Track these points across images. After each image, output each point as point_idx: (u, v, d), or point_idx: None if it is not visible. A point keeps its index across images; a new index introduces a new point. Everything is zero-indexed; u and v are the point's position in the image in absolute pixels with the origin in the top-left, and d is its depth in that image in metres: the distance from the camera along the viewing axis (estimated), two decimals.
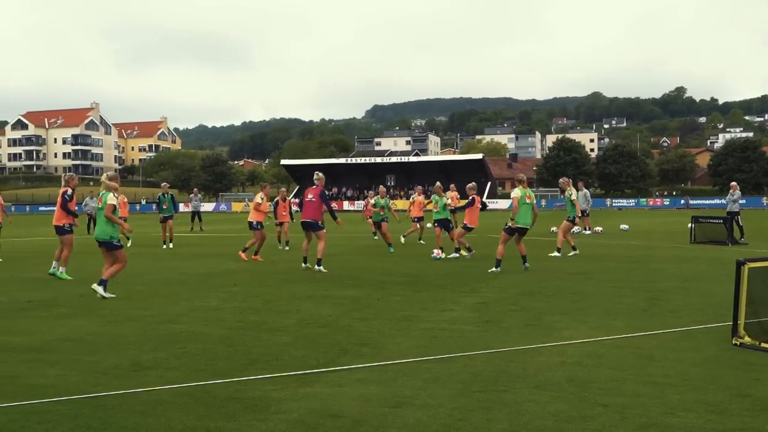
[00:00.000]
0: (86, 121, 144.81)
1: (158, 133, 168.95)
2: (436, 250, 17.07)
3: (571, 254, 17.17)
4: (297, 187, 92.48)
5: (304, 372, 6.20)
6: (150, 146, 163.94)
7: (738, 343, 7.02)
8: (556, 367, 6.27)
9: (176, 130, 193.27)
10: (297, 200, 39.59)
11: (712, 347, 7.03)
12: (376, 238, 24.46)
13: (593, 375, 6.00)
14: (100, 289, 10.88)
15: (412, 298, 10.63)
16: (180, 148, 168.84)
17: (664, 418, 4.84)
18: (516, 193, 13.94)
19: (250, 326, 8.52)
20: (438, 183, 19.50)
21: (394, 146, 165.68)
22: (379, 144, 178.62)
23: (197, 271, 14.93)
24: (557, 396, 5.40)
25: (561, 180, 19.21)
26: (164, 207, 22.88)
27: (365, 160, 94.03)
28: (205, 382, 5.90)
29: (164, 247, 21.86)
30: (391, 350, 7.07)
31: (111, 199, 11.19)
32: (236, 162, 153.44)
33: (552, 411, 5.03)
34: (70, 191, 13.73)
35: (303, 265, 14.75)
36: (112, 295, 10.86)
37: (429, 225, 32.43)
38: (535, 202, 14.22)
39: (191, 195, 36.66)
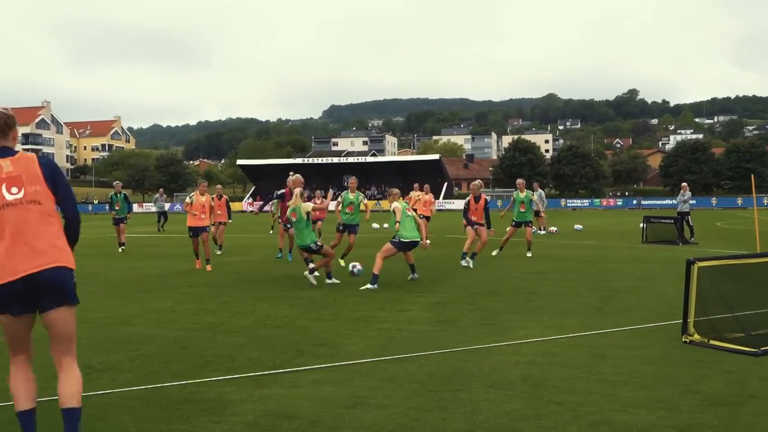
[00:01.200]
0: (37, 120, 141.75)
1: (111, 132, 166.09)
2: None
3: (494, 253, 17.57)
4: (253, 188, 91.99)
5: (260, 373, 6.16)
6: (103, 146, 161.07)
7: (688, 340, 7.16)
8: (511, 366, 6.33)
9: (130, 129, 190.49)
10: (252, 201, 39.25)
11: (663, 345, 7.16)
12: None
13: (547, 373, 6.07)
14: None
15: (368, 299, 10.63)
16: (134, 147, 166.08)
17: (615, 415, 4.92)
18: (396, 205, 12.90)
19: (205, 328, 8.44)
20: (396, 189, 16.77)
21: (351, 146, 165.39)
22: (336, 144, 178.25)
23: (151, 272, 14.74)
24: (512, 395, 5.45)
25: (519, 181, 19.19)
26: (117, 207, 21.53)
27: (322, 160, 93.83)
28: (159, 384, 5.83)
29: (120, 250, 20.70)
30: (347, 351, 7.07)
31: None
32: (192, 162, 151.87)
33: (507, 410, 5.07)
34: None
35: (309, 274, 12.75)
36: None
37: (376, 225, 32.54)
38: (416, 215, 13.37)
39: (156, 195, 36.40)
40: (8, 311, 4.06)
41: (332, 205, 16.45)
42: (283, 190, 16.82)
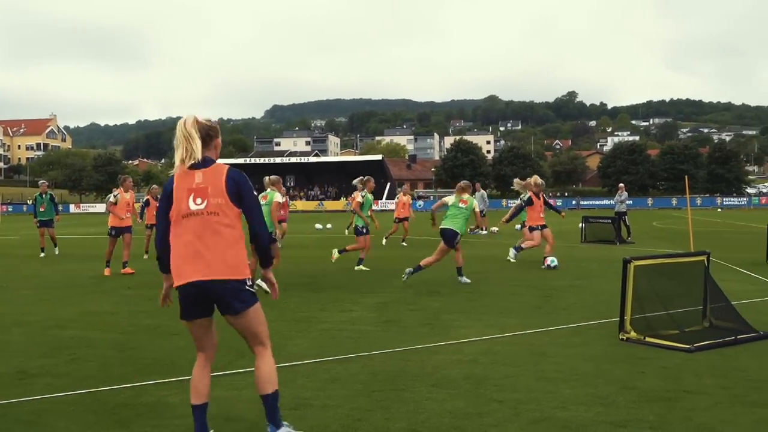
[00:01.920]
0: None
1: (47, 131, 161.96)
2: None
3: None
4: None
5: None
6: (38, 144, 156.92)
7: (625, 338, 7.32)
8: (453, 365, 6.37)
9: (66, 128, 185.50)
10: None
11: (601, 342, 7.30)
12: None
13: (489, 372, 6.13)
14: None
15: (311, 299, 10.59)
16: (71, 146, 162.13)
17: (555, 412, 4.99)
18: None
19: (144, 330, 8.29)
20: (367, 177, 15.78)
21: (293, 147, 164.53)
22: (278, 144, 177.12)
23: (89, 274, 14.43)
24: (454, 393, 5.48)
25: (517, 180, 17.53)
26: (41, 209, 19.20)
27: (264, 160, 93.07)
28: (96, 389, 5.71)
29: (42, 255, 18.85)
30: (290, 352, 7.02)
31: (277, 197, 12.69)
32: (131, 162, 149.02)
33: (449, 408, 5.10)
34: None
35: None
36: None
37: (319, 226, 32.44)
38: None
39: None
40: (187, 313, 4.51)
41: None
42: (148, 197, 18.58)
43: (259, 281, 10.74)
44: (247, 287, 4.42)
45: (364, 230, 14.47)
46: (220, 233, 4.30)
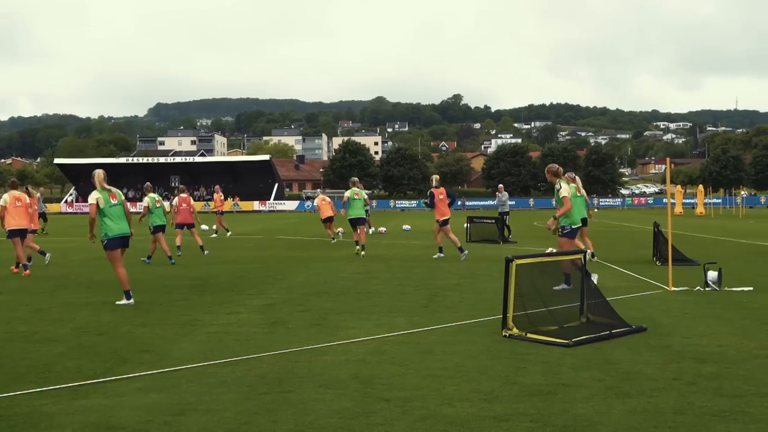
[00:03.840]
0: None
1: None
2: None
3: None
4: (73, 188, 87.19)
5: (79, 383, 5.84)
6: None
7: (507, 334, 7.54)
8: (341, 366, 6.39)
9: None
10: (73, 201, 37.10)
11: (485, 339, 7.49)
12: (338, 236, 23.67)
13: (377, 371, 6.18)
14: None
15: (196, 302, 10.37)
16: None
17: (441, 409, 5.09)
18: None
19: (18, 337, 7.90)
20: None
21: (178, 146, 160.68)
22: (162, 144, 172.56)
23: None
24: (342, 393, 5.50)
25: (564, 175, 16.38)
26: None
27: (148, 159, 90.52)
28: None
29: None
30: (174, 356, 6.86)
31: None
32: (3, 160, 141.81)
33: (336, 408, 5.12)
34: None
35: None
36: None
37: (205, 227, 31.93)
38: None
39: (37, 195, 33.51)
40: None
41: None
42: None
43: None
44: None
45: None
46: None
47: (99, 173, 10.49)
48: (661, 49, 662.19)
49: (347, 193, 18.33)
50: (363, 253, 17.81)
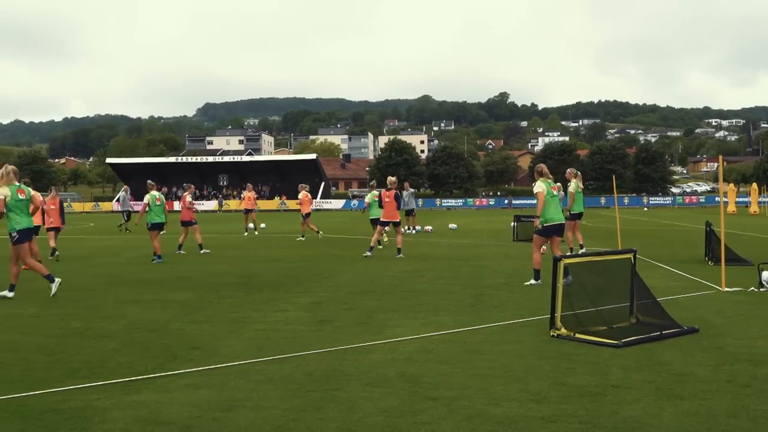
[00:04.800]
0: None
1: None
2: None
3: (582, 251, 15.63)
4: (124, 186, 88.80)
5: (130, 379, 5.95)
6: None
7: (555, 334, 7.46)
8: (388, 364, 6.39)
9: None
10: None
11: (533, 339, 7.42)
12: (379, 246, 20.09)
13: (423, 370, 6.17)
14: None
15: (244, 300, 10.48)
16: None
17: (488, 409, 5.05)
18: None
19: (72, 333, 8.07)
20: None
21: (226, 145, 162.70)
22: (211, 143, 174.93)
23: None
24: (388, 392, 5.50)
25: (567, 171, 17.53)
26: None
27: (197, 159, 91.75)
28: (21, 394, 5.53)
29: None
30: (222, 353, 6.94)
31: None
32: (57, 160, 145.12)
33: (383, 407, 5.12)
34: None
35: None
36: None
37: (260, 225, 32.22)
38: None
39: (122, 194, 36.17)
40: None
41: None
42: None
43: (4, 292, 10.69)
44: None
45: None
46: None
47: (8, 168, 10.77)
48: (714, 44, 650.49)
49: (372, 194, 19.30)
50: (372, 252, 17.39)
